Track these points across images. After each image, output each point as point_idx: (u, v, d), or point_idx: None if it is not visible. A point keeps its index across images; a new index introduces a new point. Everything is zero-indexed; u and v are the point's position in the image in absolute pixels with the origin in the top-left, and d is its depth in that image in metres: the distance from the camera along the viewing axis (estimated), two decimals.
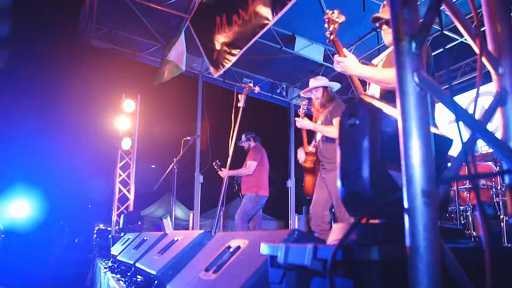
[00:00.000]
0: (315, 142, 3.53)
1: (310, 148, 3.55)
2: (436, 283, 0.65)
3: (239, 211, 4.67)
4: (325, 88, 3.49)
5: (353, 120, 0.95)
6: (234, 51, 5.74)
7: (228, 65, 5.99)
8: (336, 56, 2.24)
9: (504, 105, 0.92)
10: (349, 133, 0.96)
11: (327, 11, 2.21)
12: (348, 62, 2.18)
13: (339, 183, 0.98)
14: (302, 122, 3.41)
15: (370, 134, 0.90)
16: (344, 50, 2.23)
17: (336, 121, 3.28)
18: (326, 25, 2.20)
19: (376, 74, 2.18)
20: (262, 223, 5.06)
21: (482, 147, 5.82)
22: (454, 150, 0.94)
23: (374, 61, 2.47)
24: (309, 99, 3.70)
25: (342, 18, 2.18)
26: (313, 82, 3.54)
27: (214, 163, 5.11)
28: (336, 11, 2.19)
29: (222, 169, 4.93)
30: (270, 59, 7.82)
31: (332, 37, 2.21)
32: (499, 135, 0.92)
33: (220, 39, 6.00)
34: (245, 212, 4.65)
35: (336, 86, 3.57)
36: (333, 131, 3.24)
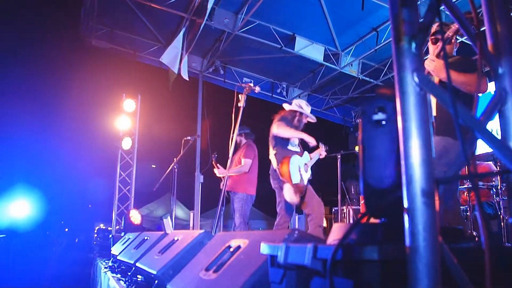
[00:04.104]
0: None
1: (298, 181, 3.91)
2: (436, 283, 0.65)
3: (238, 214, 4.59)
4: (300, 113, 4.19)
5: (381, 116, 0.89)
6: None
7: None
8: (430, 56, 2.56)
9: (504, 105, 0.92)
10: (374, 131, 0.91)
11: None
12: (439, 65, 2.49)
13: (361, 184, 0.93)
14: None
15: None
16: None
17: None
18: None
19: (459, 77, 2.40)
20: (263, 222, 5.05)
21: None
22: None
23: None
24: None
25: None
26: (304, 104, 4.26)
27: (212, 156, 5.04)
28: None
29: (218, 166, 4.91)
30: (270, 59, 7.82)
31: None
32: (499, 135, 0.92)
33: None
34: (245, 215, 4.63)
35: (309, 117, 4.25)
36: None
